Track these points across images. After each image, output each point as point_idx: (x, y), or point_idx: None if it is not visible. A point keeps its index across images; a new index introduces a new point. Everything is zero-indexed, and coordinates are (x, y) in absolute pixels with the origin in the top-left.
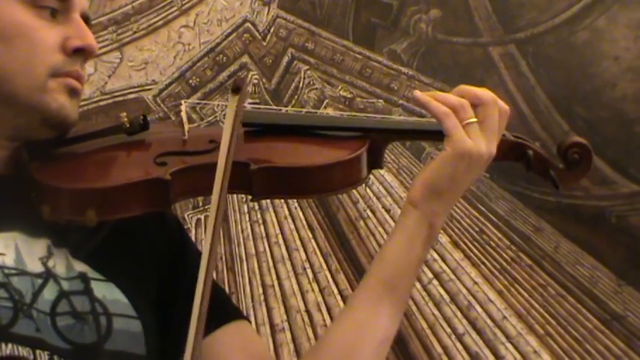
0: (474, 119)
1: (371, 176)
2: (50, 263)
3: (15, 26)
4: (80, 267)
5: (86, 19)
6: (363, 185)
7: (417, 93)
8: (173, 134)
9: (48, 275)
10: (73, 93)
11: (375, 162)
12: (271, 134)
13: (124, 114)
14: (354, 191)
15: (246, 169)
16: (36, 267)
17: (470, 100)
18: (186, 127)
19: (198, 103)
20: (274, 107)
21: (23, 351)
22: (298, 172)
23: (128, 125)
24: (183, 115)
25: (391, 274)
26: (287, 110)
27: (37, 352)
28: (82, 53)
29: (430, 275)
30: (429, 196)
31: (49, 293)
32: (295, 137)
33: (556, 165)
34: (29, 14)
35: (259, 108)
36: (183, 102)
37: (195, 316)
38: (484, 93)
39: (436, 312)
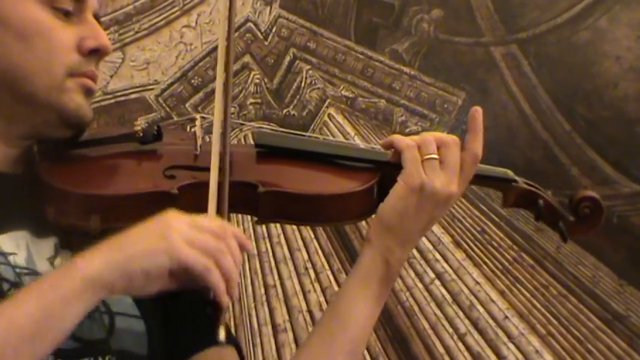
0: (435, 155)
1: None
2: (57, 263)
3: (33, 26)
4: None
5: (97, 18)
6: None
7: (384, 140)
8: (185, 148)
9: None
10: (88, 92)
11: (385, 195)
12: (284, 158)
13: (139, 122)
14: None
15: (254, 191)
16: (45, 267)
17: (434, 141)
18: (199, 141)
19: (208, 119)
20: (290, 131)
21: None
22: (306, 199)
23: (141, 134)
24: (197, 129)
25: (345, 310)
26: (300, 133)
27: None
28: (96, 53)
29: (432, 275)
30: (381, 231)
31: None
32: (307, 163)
33: (567, 217)
34: (46, 14)
35: (275, 130)
36: (197, 116)
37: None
38: (446, 135)
39: (438, 312)
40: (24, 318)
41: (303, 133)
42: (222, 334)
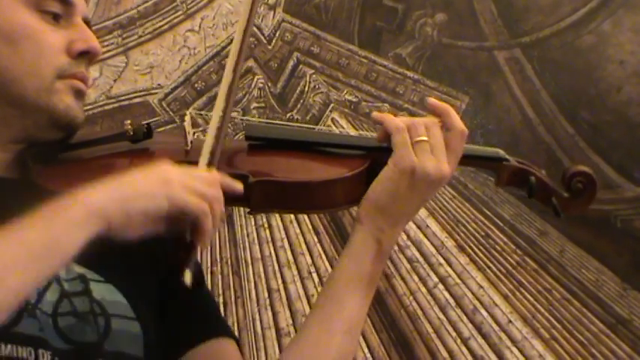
0: (425, 138)
1: None
2: None
3: (22, 29)
4: (79, 269)
5: (87, 23)
6: None
7: (375, 113)
8: (176, 144)
9: (51, 277)
10: (79, 94)
11: None
12: (274, 148)
13: (129, 122)
14: None
15: (245, 181)
16: None
17: (422, 123)
18: (189, 137)
19: (203, 114)
20: (279, 122)
21: (24, 352)
22: (297, 186)
23: (132, 133)
24: (187, 125)
25: (340, 291)
26: (290, 124)
27: (40, 351)
28: (86, 56)
29: (436, 279)
30: (373, 211)
31: (52, 294)
32: (297, 152)
33: (559, 193)
34: (34, 18)
35: (266, 122)
36: (187, 112)
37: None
38: (427, 118)
39: (442, 316)
40: (33, 240)
41: (296, 124)
42: (188, 278)
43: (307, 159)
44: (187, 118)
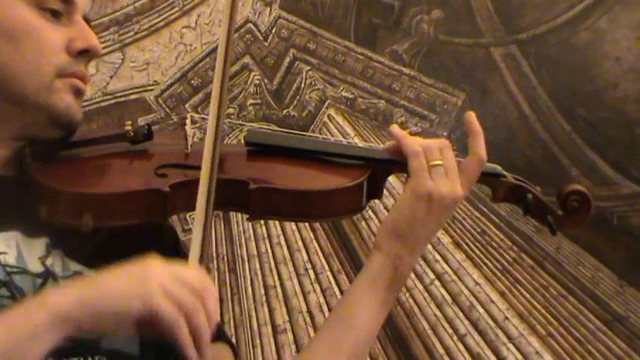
0: (440, 161)
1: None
2: (48, 262)
3: (22, 27)
4: (75, 266)
5: (87, 21)
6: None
7: (394, 127)
8: (176, 147)
9: (47, 274)
10: (78, 93)
11: (375, 192)
12: (274, 155)
13: (129, 122)
14: None
15: (245, 188)
16: (36, 266)
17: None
18: (190, 140)
19: (203, 118)
20: (281, 129)
21: None
22: (296, 195)
23: (132, 134)
24: (188, 128)
25: (351, 314)
26: (290, 132)
27: None
28: (86, 54)
29: (432, 276)
30: (391, 238)
31: None
32: (298, 160)
33: (555, 211)
34: (34, 15)
35: (268, 129)
36: (188, 115)
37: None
38: (440, 140)
39: (438, 313)
40: None
41: (297, 132)
42: None
43: (307, 167)
44: (188, 121)
